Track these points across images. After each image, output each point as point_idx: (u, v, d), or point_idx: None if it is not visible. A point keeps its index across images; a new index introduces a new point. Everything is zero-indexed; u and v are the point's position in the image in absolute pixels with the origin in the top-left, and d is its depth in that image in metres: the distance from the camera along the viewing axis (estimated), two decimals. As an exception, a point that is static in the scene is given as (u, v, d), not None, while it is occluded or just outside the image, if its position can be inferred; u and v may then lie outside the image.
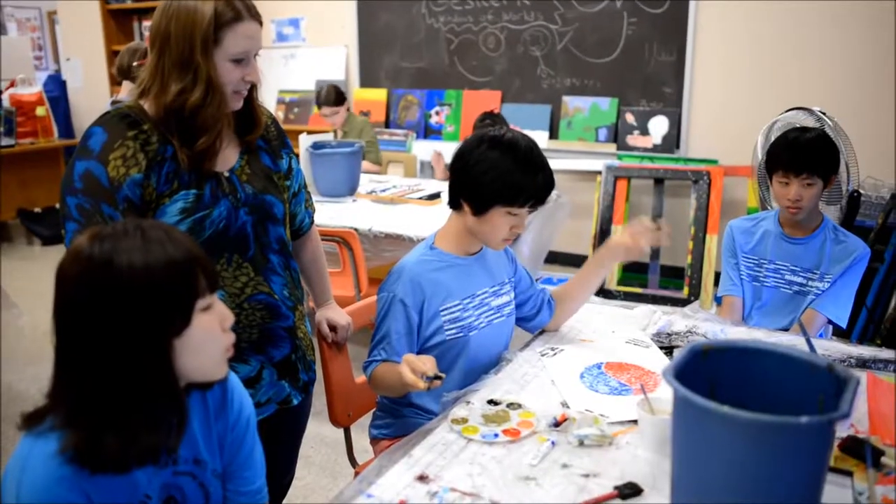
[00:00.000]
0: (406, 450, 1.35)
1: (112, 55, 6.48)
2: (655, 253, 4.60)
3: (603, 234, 4.61)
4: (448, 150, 4.27)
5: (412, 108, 5.58)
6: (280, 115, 6.16)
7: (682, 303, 4.37)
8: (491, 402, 1.51)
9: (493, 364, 1.74)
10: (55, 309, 0.97)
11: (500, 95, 5.19)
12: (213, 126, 1.39)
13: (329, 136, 4.21)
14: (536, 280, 4.79)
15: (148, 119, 1.39)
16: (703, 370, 1.12)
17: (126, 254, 0.96)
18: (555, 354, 1.76)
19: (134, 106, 1.41)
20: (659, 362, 1.69)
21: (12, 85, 6.19)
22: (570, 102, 4.95)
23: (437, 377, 1.44)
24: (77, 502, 0.98)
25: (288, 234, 1.61)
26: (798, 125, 2.53)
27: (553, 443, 1.35)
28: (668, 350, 1.78)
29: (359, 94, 5.81)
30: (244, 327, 1.49)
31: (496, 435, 1.38)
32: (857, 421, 1.40)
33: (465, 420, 1.44)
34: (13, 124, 5.88)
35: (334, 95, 4.52)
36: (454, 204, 1.70)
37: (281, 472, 1.75)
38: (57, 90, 7.28)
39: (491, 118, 3.94)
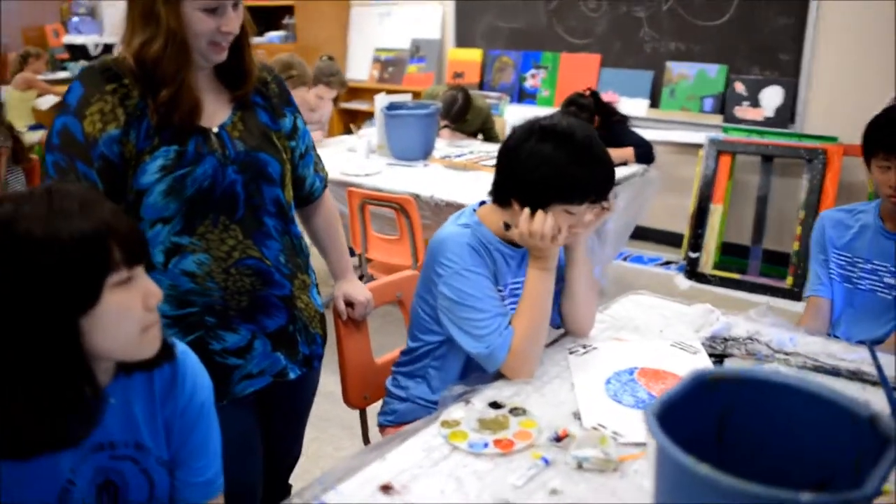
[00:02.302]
0: (383, 451, 1.21)
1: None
2: (758, 236, 4.21)
3: (701, 212, 4.26)
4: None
5: (507, 70, 5.34)
6: (375, 74, 6.08)
7: (784, 293, 3.98)
8: (493, 404, 1.34)
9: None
10: None
11: (599, 59, 4.85)
12: (174, 78, 1.29)
13: (406, 97, 4.06)
14: (625, 259, 4.52)
15: (130, 73, 1.30)
16: (712, 403, 0.90)
17: (27, 221, 0.86)
18: (584, 353, 1.56)
19: (118, 58, 1.32)
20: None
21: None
22: (675, 68, 4.56)
23: None
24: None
25: (288, 197, 1.50)
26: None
27: (546, 461, 1.16)
28: (720, 358, 1.53)
29: (453, 55, 5.62)
30: (232, 293, 1.39)
31: (485, 445, 1.21)
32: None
33: (456, 423, 1.28)
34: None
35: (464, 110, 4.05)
36: (501, 201, 1.52)
37: (282, 449, 1.66)
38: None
39: (577, 104, 3.62)
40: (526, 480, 1.12)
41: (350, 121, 5.95)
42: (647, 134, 3.95)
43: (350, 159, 3.67)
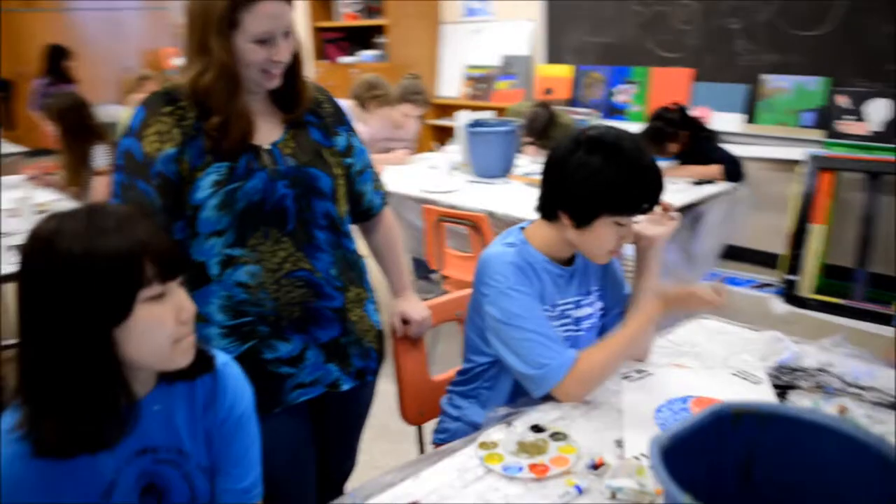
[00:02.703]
0: (418, 469, 1.22)
1: (315, 31, 6.83)
2: (863, 258, 3.95)
3: (800, 232, 4.04)
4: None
5: (597, 86, 5.26)
6: (465, 91, 6.13)
7: (890, 320, 3.71)
8: (535, 427, 1.32)
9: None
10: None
11: (691, 74, 4.71)
12: (223, 110, 1.36)
13: (491, 114, 4.07)
14: (719, 280, 4.35)
15: (188, 96, 1.38)
16: (735, 440, 0.86)
17: (67, 238, 0.93)
18: (639, 378, 1.51)
19: (179, 83, 1.39)
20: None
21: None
22: (771, 81, 4.36)
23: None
24: (32, 480, 0.97)
25: (341, 211, 1.53)
26: None
27: (579, 489, 1.14)
28: (784, 390, 1.45)
29: (543, 71, 5.60)
30: (284, 305, 1.43)
31: (520, 469, 1.20)
32: None
33: (494, 445, 1.27)
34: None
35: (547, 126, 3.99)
36: (549, 214, 1.51)
37: (335, 459, 1.69)
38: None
39: (664, 119, 3.52)
40: (556, 508, 1.10)
41: (441, 138, 6.03)
42: (742, 150, 3.79)
43: (432, 176, 3.71)
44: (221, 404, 1.15)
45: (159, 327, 0.97)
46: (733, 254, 4.51)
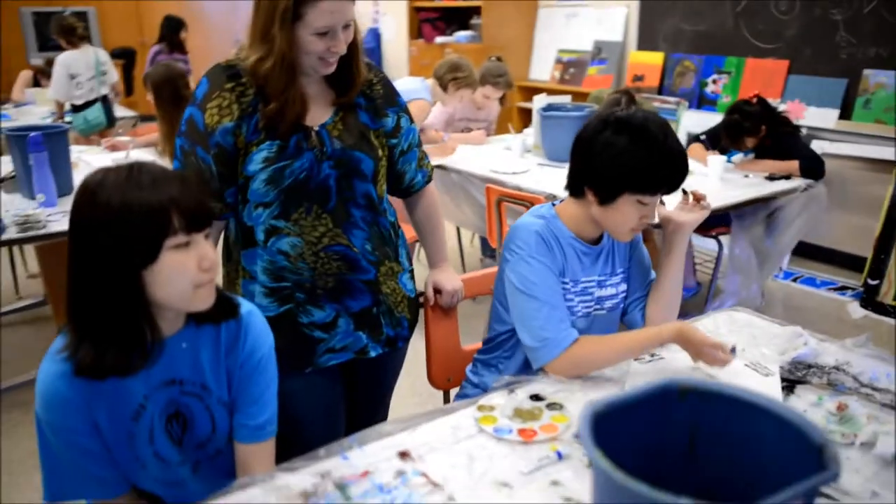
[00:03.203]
0: (416, 424, 1.32)
1: (413, 11, 6.97)
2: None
3: (886, 237, 3.85)
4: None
5: (688, 75, 5.15)
6: (556, 75, 6.12)
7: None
8: (534, 396, 1.40)
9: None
10: None
11: (787, 66, 4.53)
12: (282, 94, 1.45)
13: (566, 99, 4.08)
14: (794, 280, 4.20)
15: (248, 72, 1.48)
16: (682, 414, 0.91)
17: (108, 190, 1.07)
18: (650, 361, 1.55)
19: (242, 58, 1.50)
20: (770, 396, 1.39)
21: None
22: (873, 77, 4.14)
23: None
24: (71, 396, 1.14)
25: (380, 192, 1.62)
26: None
27: (560, 455, 1.20)
28: (793, 384, 1.46)
29: (634, 57, 5.52)
30: (320, 275, 1.55)
31: (510, 431, 1.28)
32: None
33: (491, 408, 1.35)
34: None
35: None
36: (576, 191, 1.57)
37: (367, 416, 1.80)
38: (374, 42, 8.08)
39: (741, 112, 3.40)
40: (533, 469, 1.17)
41: (527, 120, 6.05)
42: (834, 148, 3.64)
43: (504, 157, 3.77)
44: (242, 348, 1.28)
45: (182, 272, 1.11)
46: (816, 254, 4.36)
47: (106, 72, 5.21)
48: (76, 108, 5.04)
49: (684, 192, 1.65)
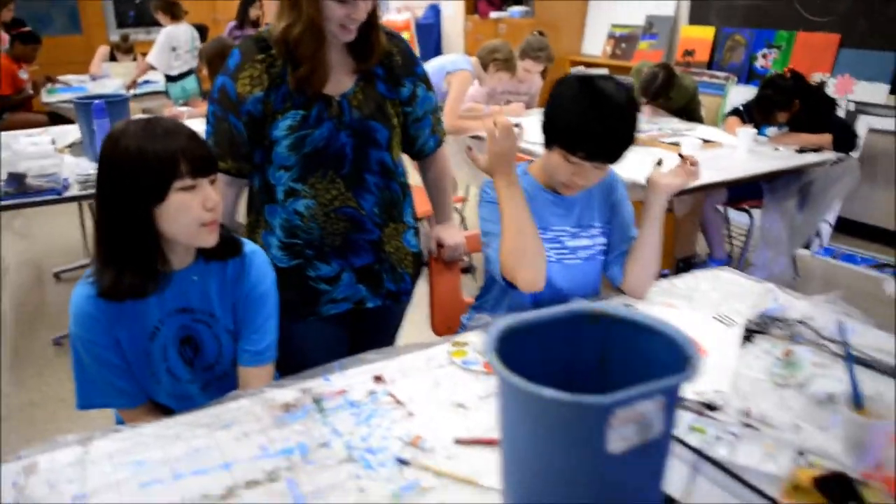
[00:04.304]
0: (395, 354, 1.48)
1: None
2: None
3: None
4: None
5: (738, 50, 5.09)
6: (607, 50, 6.12)
7: None
8: (506, 336, 1.53)
9: (558, 304, 1.71)
10: None
11: (838, 40, 4.45)
12: (310, 59, 1.58)
13: (615, 74, 4.11)
14: (833, 256, 4.16)
15: (277, 44, 1.62)
16: (594, 337, 1.04)
17: (128, 137, 1.27)
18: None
19: (272, 30, 1.64)
20: (725, 345, 1.49)
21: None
22: (926, 50, 4.04)
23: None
24: (97, 314, 1.34)
25: (395, 157, 1.75)
26: None
27: (514, 383, 1.34)
28: (752, 334, 1.55)
29: (685, 32, 5.48)
30: (328, 233, 1.70)
31: (476, 363, 1.42)
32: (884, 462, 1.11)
33: (464, 344, 1.50)
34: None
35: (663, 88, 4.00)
36: (546, 143, 1.69)
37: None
38: (434, 17, 8.20)
39: (774, 86, 3.42)
40: (488, 395, 1.32)
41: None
42: (882, 123, 3.58)
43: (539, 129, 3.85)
44: (246, 282, 1.47)
45: (187, 210, 1.29)
46: (862, 231, 4.31)
47: (199, 46, 5.54)
48: (171, 79, 5.39)
49: (681, 156, 1.74)
